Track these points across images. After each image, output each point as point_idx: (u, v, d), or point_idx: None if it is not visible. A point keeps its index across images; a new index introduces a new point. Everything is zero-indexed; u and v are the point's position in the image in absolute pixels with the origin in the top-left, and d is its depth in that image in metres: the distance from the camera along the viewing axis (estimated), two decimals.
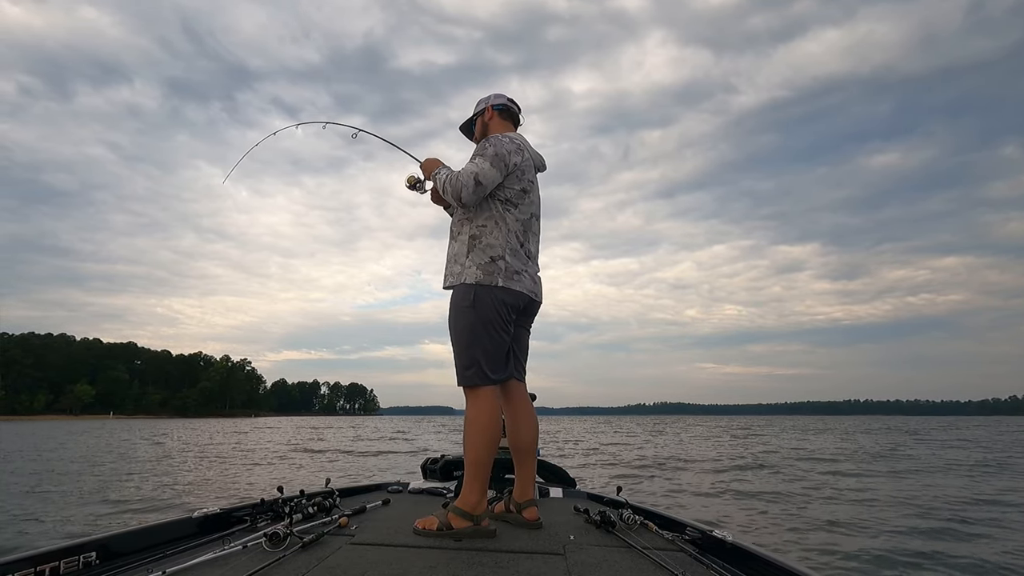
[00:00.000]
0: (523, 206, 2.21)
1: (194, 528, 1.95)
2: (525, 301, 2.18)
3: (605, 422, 65.64)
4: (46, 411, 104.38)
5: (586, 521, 2.21)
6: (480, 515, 2.00)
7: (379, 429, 35.71)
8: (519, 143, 2.24)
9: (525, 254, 2.20)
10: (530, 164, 2.27)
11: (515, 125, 2.41)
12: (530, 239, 2.26)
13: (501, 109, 2.37)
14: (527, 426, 2.24)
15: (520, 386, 2.28)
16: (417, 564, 1.60)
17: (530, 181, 2.24)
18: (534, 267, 2.27)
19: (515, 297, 2.12)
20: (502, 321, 2.09)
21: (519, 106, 2.43)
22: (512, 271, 2.11)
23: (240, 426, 43.69)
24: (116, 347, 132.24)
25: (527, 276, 2.18)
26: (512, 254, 2.13)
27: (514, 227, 2.16)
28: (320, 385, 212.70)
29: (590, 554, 1.77)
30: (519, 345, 2.27)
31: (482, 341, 2.06)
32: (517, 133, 2.36)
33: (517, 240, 2.17)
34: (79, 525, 5.37)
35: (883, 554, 4.23)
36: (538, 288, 2.27)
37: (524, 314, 2.25)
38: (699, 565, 1.70)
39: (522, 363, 2.30)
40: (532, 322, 2.35)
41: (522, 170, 2.19)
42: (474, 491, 2.01)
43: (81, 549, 1.53)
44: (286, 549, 1.66)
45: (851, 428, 38.49)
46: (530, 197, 2.24)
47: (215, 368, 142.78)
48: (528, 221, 2.24)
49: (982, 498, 6.92)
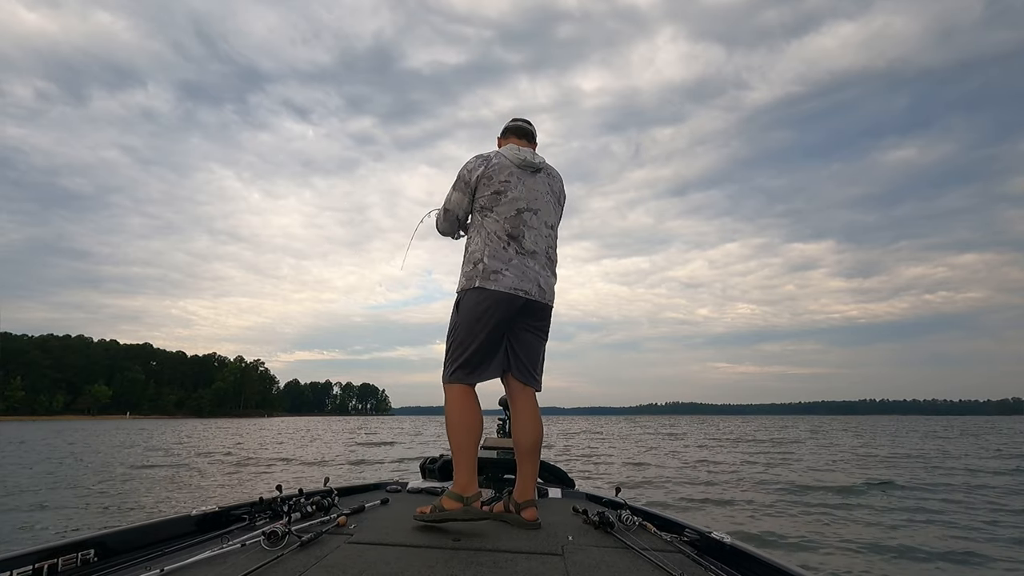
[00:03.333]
0: (501, 206, 2.22)
1: (192, 526, 1.96)
2: (507, 299, 2.15)
3: (628, 421, 63.88)
4: (64, 411, 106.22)
5: (584, 522, 2.19)
6: (470, 496, 2.05)
7: (407, 427, 35.29)
8: (484, 155, 2.30)
9: (515, 251, 2.19)
10: (501, 166, 2.26)
11: (519, 137, 2.43)
12: (526, 234, 2.22)
13: (504, 133, 2.48)
14: (528, 428, 2.24)
15: (522, 388, 2.27)
16: (415, 563, 1.60)
17: (504, 181, 2.23)
18: (530, 262, 2.22)
19: (491, 296, 2.14)
20: (482, 323, 2.15)
21: (524, 120, 2.49)
22: (489, 271, 2.15)
23: (271, 425, 43.43)
24: (132, 348, 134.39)
25: (509, 274, 2.16)
26: (491, 256, 2.18)
27: (494, 229, 2.20)
28: (332, 385, 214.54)
29: (588, 555, 1.76)
30: (521, 347, 2.25)
31: (461, 342, 2.17)
32: (510, 145, 2.38)
33: (500, 241, 2.19)
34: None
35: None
36: (528, 284, 2.19)
37: (523, 315, 2.22)
38: (697, 566, 1.68)
39: (525, 365, 2.26)
40: (541, 324, 2.28)
41: (490, 176, 2.24)
42: (461, 474, 2.10)
43: (80, 546, 1.54)
44: (284, 548, 1.66)
45: (896, 428, 36.65)
46: (510, 195, 2.23)
47: (229, 369, 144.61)
48: (516, 217, 2.22)
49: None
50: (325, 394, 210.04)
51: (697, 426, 44.73)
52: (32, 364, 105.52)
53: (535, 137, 2.49)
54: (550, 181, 2.36)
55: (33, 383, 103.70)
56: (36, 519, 5.96)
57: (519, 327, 2.25)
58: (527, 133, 2.45)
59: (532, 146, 2.46)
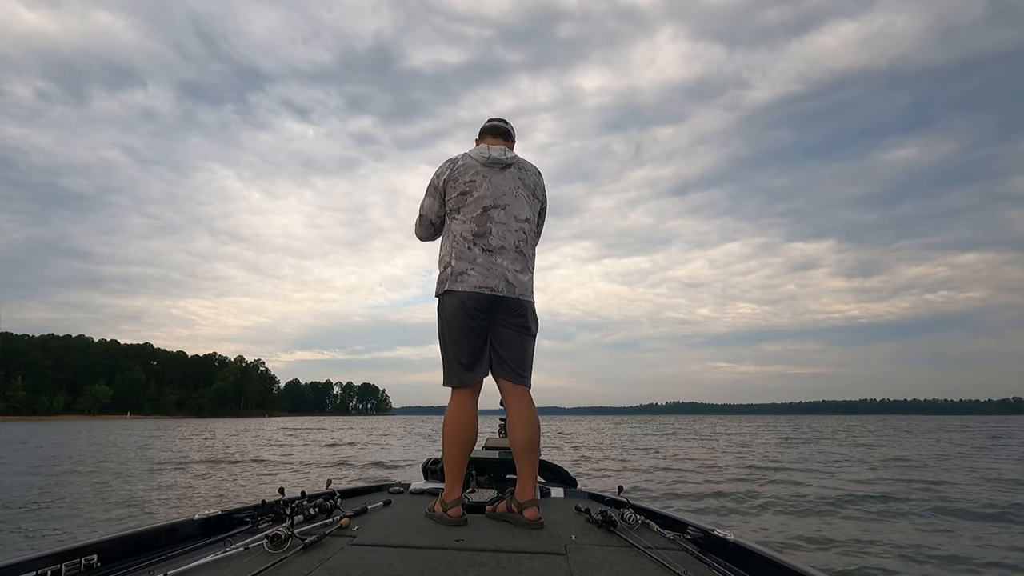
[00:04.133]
0: (467, 206, 2.25)
1: (195, 530, 1.96)
2: (474, 299, 2.18)
3: (638, 421, 62.40)
4: (65, 411, 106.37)
5: (587, 521, 2.19)
6: (449, 502, 2.17)
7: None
8: (452, 158, 2.35)
9: (481, 249, 2.21)
10: (467, 166, 2.29)
11: (494, 137, 2.44)
12: (492, 231, 2.23)
13: (480, 134, 2.50)
14: (521, 427, 2.25)
15: (512, 387, 2.28)
16: (419, 565, 1.60)
17: (469, 181, 2.26)
18: (497, 259, 2.22)
19: (458, 298, 2.20)
20: (456, 326, 2.21)
21: (499, 119, 2.50)
22: (456, 273, 2.21)
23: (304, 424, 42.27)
24: (133, 348, 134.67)
25: (474, 273, 2.19)
26: (457, 257, 2.23)
27: (460, 230, 2.25)
28: (333, 385, 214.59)
29: (592, 554, 1.76)
30: (503, 345, 2.26)
31: (445, 347, 2.27)
32: (482, 145, 2.40)
33: (466, 241, 2.23)
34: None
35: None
36: (495, 280, 2.20)
37: (498, 312, 2.24)
38: (701, 564, 1.68)
39: (508, 363, 2.26)
40: (518, 320, 2.26)
41: (455, 178, 2.28)
42: (447, 481, 2.24)
43: (82, 552, 1.53)
44: (287, 551, 1.65)
45: (913, 428, 35.45)
46: (476, 193, 2.25)
47: (229, 369, 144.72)
48: (482, 215, 2.23)
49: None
50: (326, 394, 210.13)
51: (747, 426, 41.53)
52: (33, 364, 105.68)
53: (511, 135, 2.48)
54: (521, 175, 2.34)
55: (34, 383, 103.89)
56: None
57: (498, 325, 2.26)
58: (501, 131, 2.46)
59: (508, 144, 2.46)
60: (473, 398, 2.29)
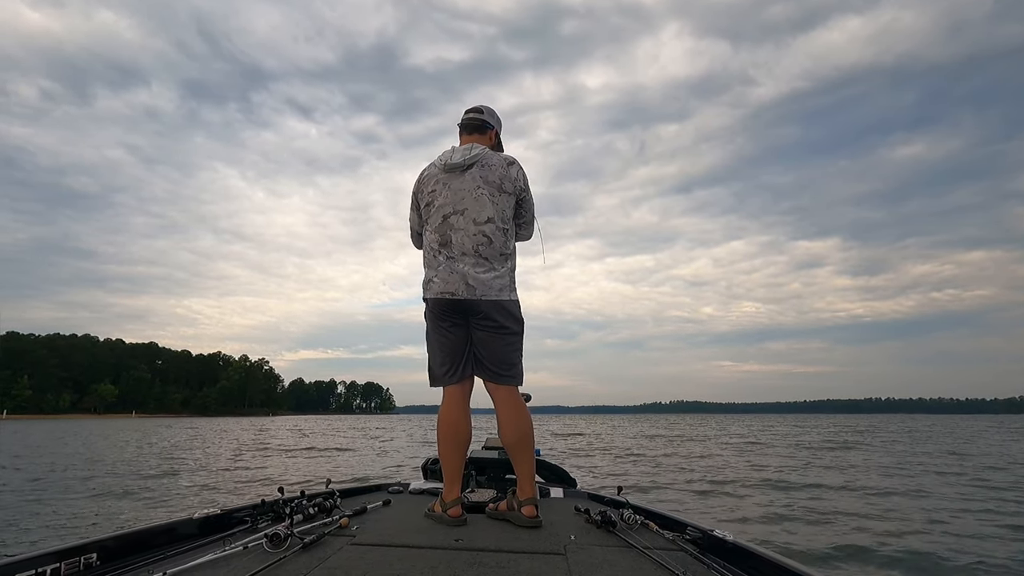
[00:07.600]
0: (432, 216, 2.30)
1: (194, 529, 1.96)
2: (438, 304, 2.26)
3: (648, 421, 61.51)
4: (71, 410, 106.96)
5: (587, 521, 2.19)
6: (448, 503, 2.21)
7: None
8: (422, 170, 2.41)
9: (444, 256, 2.25)
10: (429, 176, 2.34)
11: (467, 133, 2.43)
12: (453, 238, 2.24)
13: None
14: (507, 424, 2.28)
15: (493, 387, 2.31)
16: (418, 564, 1.60)
17: (431, 191, 2.31)
18: (458, 265, 2.22)
19: (429, 304, 2.32)
20: (430, 329, 2.36)
21: (473, 110, 2.47)
22: (426, 281, 2.31)
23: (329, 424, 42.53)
24: (138, 347, 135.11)
25: (438, 280, 2.25)
26: (427, 265, 2.33)
27: (429, 240, 2.32)
28: (337, 384, 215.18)
29: (591, 554, 1.76)
30: (480, 347, 2.28)
31: (429, 350, 2.39)
32: (448, 148, 2.39)
33: (432, 250, 2.30)
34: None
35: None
36: (454, 285, 2.20)
37: (467, 315, 2.25)
38: (700, 565, 1.68)
39: (485, 364, 2.28)
40: (487, 322, 2.23)
41: (421, 189, 2.37)
42: (444, 481, 2.30)
43: (82, 550, 1.54)
44: (287, 550, 1.66)
45: (935, 429, 33.99)
46: (437, 203, 2.28)
47: (234, 367, 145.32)
48: (443, 224, 2.26)
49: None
50: (329, 393, 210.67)
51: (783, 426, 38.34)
52: (39, 363, 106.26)
53: (483, 126, 2.42)
54: (484, 173, 2.26)
55: (40, 382, 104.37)
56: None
57: (473, 328, 2.28)
58: (471, 126, 2.43)
59: (484, 137, 2.41)
60: (462, 397, 2.34)
